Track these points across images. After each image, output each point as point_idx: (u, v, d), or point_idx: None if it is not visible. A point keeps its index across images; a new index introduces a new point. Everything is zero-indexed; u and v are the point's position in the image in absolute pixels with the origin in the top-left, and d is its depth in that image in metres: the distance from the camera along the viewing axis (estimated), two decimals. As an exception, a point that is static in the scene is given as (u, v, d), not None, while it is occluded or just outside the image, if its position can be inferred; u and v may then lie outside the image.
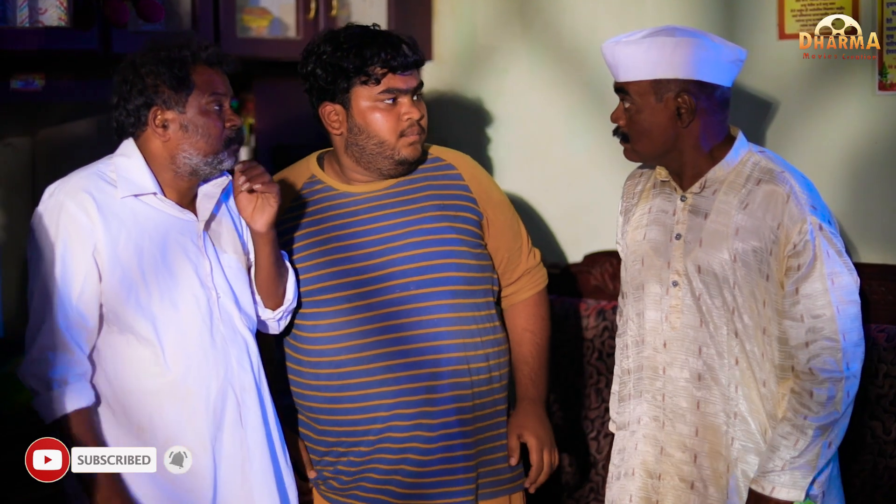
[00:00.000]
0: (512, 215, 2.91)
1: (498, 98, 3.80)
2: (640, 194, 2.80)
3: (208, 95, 2.51)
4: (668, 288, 2.69)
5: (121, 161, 2.55)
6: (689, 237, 2.67)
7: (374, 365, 2.71)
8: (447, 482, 2.75)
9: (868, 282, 2.99)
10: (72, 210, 2.46)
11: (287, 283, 2.68)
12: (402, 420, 2.72)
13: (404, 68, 2.71)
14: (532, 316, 2.91)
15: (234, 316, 2.58)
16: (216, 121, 2.52)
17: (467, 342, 2.75)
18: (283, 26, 3.64)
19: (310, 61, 2.74)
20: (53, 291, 2.46)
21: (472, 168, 2.88)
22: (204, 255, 2.56)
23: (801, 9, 3.13)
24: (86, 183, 2.50)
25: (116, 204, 2.50)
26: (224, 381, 2.53)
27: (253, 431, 2.56)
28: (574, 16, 3.60)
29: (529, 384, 2.86)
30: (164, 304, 2.50)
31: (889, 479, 2.84)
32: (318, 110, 2.77)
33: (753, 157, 2.67)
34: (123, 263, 2.48)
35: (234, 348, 2.56)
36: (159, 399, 2.49)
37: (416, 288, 2.72)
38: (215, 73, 2.53)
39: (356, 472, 2.76)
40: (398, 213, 2.76)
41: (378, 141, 2.72)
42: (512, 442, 2.82)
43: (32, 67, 3.11)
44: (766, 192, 2.59)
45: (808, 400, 2.53)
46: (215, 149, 2.52)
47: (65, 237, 2.46)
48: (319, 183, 2.81)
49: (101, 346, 2.51)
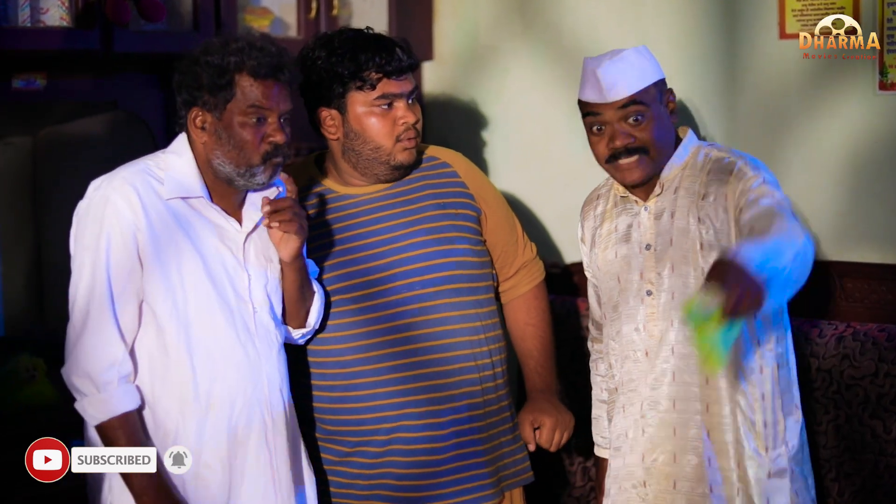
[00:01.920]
0: (507, 210, 2.93)
1: (499, 98, 3.80)
2: (601, 216, 2.82)
3: (247, 107, 2.44)
4: (642, 298, 2.70)
5: (171, 159, 2.50)
6: (658, 243, 2.69)
7: (380, 365, 2.71)
8: (464, 479, 2.75)
9: (868, 281, 3.00)
10: (118, 204, 2.41)
11: (311, 307, 2.65)
12: (413, 419, 2.71)
13: (399, 73, 2.71)
14: (533, 309, 2.92)
15: (270, 330, 2.54)
16: (252, 134, 2.44)
17: (472, 339, 2.76)
18: (284, 26, 3.64)
19: (304, 67, 2.73)
20: (100, 286, 2.41)
21: (466, 165, 2.90)
22: (242, 268, 2.52)
23: (801, 9, 3.13)
24: (133, 178, 2.45)
25: (161, 203, 2.45)
26: (252, 399, 2.49)
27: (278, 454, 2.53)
28: (575, 16, 3.61)
29: (536, 377, 2.87)
30: (198, 312, 2.45)
31: (890, 478, 2.84)
32: (314, 116, 2.77)
33: (704, 149, 2.72)
34: (163, 264, 2.44)
35: (268, 365, 2.52)
36: (183, 408, 2.45)
37: (421, 287, 2.73)
38: (261, 85, 2.44)
39: (371, 476, 2.75)
40: (398, 214, 2.77)
41: (374, 146, 2.72)
42: (526, 432, 2.81)
43: (34, 67, 3.11)
44: (721, 173, 2.63)
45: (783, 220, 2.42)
46: (249, 162, 2.45)
47: (109, 231, 2.41)
48: (319, 185, 2.82)
49: (138, 347, 2.46)
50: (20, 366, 3.26)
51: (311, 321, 2.65)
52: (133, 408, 2.42)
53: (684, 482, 2.67)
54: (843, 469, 2.90)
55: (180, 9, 3.34)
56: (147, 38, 3.21)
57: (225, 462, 2.48)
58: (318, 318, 2.67)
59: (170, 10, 3.26)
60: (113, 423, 2.40)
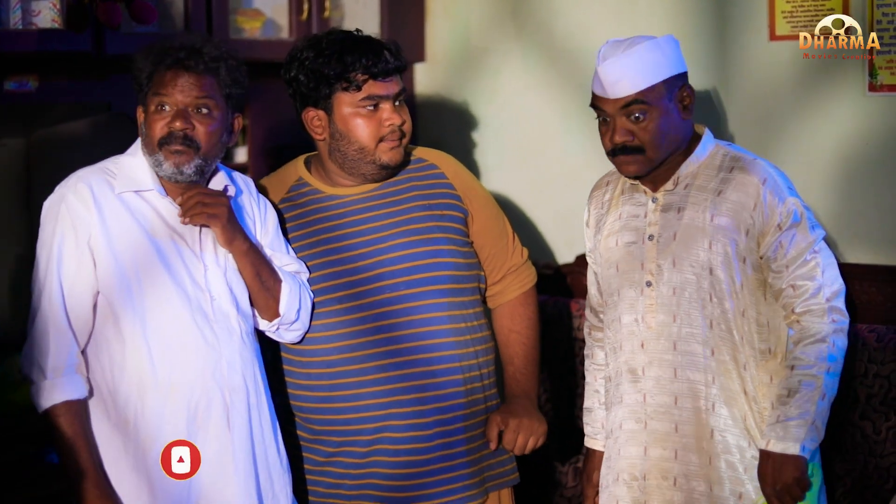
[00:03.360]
0: (496, 212, 2.92)
1: (491, 99, 3.81)
2: (609, 203, 2.82)
3: (154, 96, 2.53)
4: (641, 289, 2.71)
5: (125, 159, 2.60)
6: (662, 236, 2.69)
7: (365, 365, 2.72)
8: (448, 479, 2.75)
9: (858, 282, 3.01)
10: (70, 201, 2.51)
11: (280, 296, 2.66)
12: (398, 419, 2.72)
13: (385, 74, 2.72)
14: (518, 316, 2.91)
15: (230, 317, 2.58)
16: (156, 121, 2.52)
17: (458, 340, 2.76)
18: (276, 27, 3.64)
19: (293, 67, 2.75)
20: (50, 280, 2.50)
21: (454, 166, 2.90)
22: (198, 258, 2.57)
23: (791, 10, 3.14)
24: (88, 176, 2.55)
25: (114, 198, 2.53)
26: (210, 382, 2.53)
27: (238, 434, 2.56)
28: (568, 17, 3.61)
29: (513, 383, 2.86)
30: (154, 300, 2.51)
31: (879, 479, 2.85)
32: (302, 116, 2.78)
33: (722, 149, 2.72)
34: (117, 255, 2.50)
35: (228, 349, 2.57)
36: (142, 394, 2.50)
37: (406, 288, 2.74)
38: (166, 75, 2.52)
39: (357, 476, 2.75)
40: (385, 215, 2.78)
41: (359, 147, 2.73)
42: (490, 431, 2.78)
43: (26, 69, 3.11)
44: (742, 178, 2.64)
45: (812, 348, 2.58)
46: (151, 150, 2.53)
47: (62, 227, 2.50)
48: (306, 185, 2.83)
49: (97, 339, 2.53)
50: (14, 368, 3.27)
51: (282, 309, 2.66)
52: (76, 397, 2.48)
53: (685, 479, 2.68)
54: (833, 470, 2.91)
55: (172, 11, 3.34)
56: (139, 41, 3.18)
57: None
58: (289, 307, 2.67)
59: (161, 13, 3.26)
60: (55, 411, 2.47)
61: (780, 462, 2.54)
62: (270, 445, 2.63)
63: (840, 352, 2.58)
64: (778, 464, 2.54)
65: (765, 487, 2.57)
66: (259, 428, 2.60)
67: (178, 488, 2.52)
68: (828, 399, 2.57)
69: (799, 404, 2.54)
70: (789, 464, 2.54)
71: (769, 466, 2.56)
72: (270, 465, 2.63)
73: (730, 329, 2.63)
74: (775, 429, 2.55)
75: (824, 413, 2.56)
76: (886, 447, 2.86)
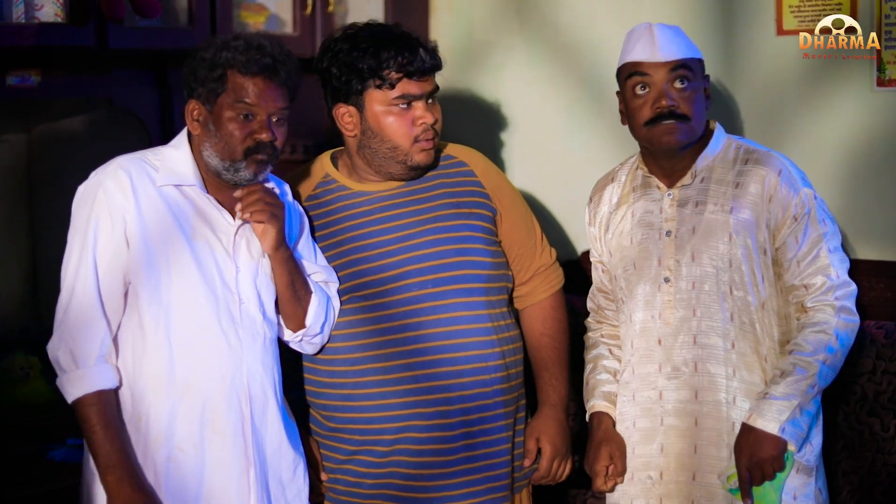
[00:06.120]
0: (525, 211, 2.89)
1: (495, 94, 3.79)
2: (618, 201, 2.80)
3: (235, 102, 2.47)
4: (659, 285, 2.69)
5: (169, 151, 2.57)
6: (680, 231, 2.67)
7: (389, 363, 2.69)
8: (475, 481, 2.72)
9: (866, 278, 3.00)
10: (109, 187, 2.48)
11: (308, 307, 2.64)
12: (421, 419, 2.69)
13: (421, 73, 2.68)
14: (549, 319, 2.87)
15: (256, 322, 2.55)
16: (238, 128, 2.47)
17: (485, 339, 2.72)
18: (279, 22, 3.62)
19: (325, 58, 2.70)
20: (85, 266, 2.46)
21: (483, 164, 2.87)
22: (231, 259, 2.53)
23: (799, 5, 3.13)
24: (127, 164, 2.51)
25: (153, 189, 2.50)
26: (229, 387, 2.50)
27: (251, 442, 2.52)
28: (572, 11, 3.60)
29: (550, 390, 2.83)
30: (181, 296, 2.48)
31: (888, 476, 2.84)
32: (332, 111, 2.74)
33: (734, 142, 2.72)
34: (149, 247, 2.47)
35: (250, 356, 2.53)
36: (158, 392, 2.47)
37: (433, 286, 2.70)
38: (251, 81, 2.47)
39: (377, 475, 2.73)
40: (412, 212, 2.74)
41: (392, 145, 2.69)
42: (529, 444, 2.80)
43: (28, 63, 3.09)
44: (758, 170, 2.65)
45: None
46: (231, 156, 2.48)
47: (98, 212, 2.47)
48: (334, 182, 2.79)
49: (123, 330, 2.50)
50: (15, 364, 3.27)
51: (309, 321, 2.64)
52: (108, 387, 2.45)
53: (705, 474, 2.67)
54: (840, 467, 2.90)
55: (175, 5, 3.32)
56: (142, 35, 3.19)
57: (199, 447, 2.49)
58: (315, 320, 2.64)
59: (165, 7, 3.24)
60: (86, 400, 2.43)
61: (759, 437, 2.57)
62: (286, 454, 2.60)
63: (842, 347, 2.59)
64: (757, 439, 2.57)
65: (740, 458, 2.59)
66: (272, 436, 2.57)
67: (186, 491, 2.49)
68: (818, 389, 2.59)
69: (787, 386, 2.56)
70: (768, 441, 2.56)
71: (748, 440, 2.57)
72: (283, 473, 2.59)
73: (752, 321, 2.63)
74: (760, 405, 2.58)
75: (811, 403, 2.59)
76: (895, 444, 2.85)
